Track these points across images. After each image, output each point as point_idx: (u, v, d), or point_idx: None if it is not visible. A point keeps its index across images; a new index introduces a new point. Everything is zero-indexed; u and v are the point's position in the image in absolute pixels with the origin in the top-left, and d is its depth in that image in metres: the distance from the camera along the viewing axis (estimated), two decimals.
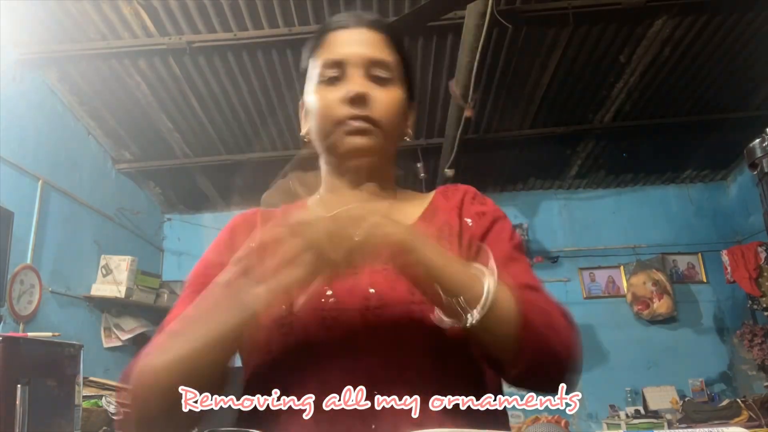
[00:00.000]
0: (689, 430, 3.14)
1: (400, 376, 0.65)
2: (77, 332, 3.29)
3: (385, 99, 0.79)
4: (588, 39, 3.20)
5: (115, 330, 3.74)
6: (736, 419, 3.35)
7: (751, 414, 3.39)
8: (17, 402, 1.70)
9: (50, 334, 2.52)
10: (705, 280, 4.74)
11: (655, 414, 4.13)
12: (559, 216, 4.96)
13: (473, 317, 0.60)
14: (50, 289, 3.16)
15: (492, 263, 0.64)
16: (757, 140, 2.16)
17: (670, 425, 3.84)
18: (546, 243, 4.85)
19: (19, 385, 1.72)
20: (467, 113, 3.23)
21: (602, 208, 4.95)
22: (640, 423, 3.94)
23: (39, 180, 3.11)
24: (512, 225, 0.83)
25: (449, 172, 3.95)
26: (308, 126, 0.84)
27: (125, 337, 3.75)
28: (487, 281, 0.62)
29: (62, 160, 3.39)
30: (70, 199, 3.43)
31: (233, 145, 4.06)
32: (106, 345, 3.67)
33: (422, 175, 4.14)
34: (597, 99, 3.77)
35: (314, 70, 0.82)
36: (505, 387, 0.73)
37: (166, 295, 4.19)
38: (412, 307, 0.68)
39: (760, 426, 3.25)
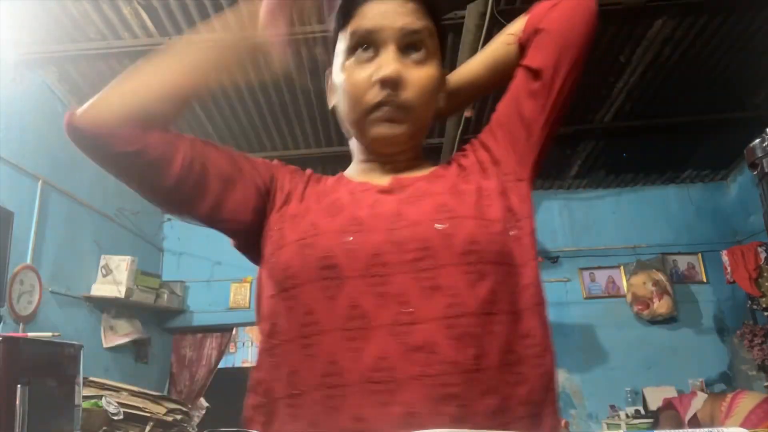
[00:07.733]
0: (689, 430, 3.14)
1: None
2: (77, 332, 3.29)
3: (421, 80, 0.72)
4: None
5: (113, 331, 3.74)
6: None
7: None
8: (17, 402, 1.70)
9: (50, 334, 2.52)
10: (705, 280, 4.73)
11: (656, 414, 4.13)
12: (559, 216, 4.95)
13: None
14: (50, 289, 3.15)
15: None
16: (757, 140, 2.16)
17: None
18: (546, 243, 4.84)
19: (19, 385, 1.72)
20: (467, 113, 3.22)
21: (602, 208, 4.95)
22: (640, 423, 3.94)
23: (39, 180, 3.11)
24: None
25: None
26: (335, 101, 0.79)
27: (122, 340, 3.75)
28: None
29: (62, 160, 3.38)
30: (70, 199, 3.43)
31: (233, 145, 4.01)
32: (106, 345, 3.67)
33: None
34: (597, 99, 3.77)
35: (342, 43, 0.75)
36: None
37: (165, 295, 4.19)
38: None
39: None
